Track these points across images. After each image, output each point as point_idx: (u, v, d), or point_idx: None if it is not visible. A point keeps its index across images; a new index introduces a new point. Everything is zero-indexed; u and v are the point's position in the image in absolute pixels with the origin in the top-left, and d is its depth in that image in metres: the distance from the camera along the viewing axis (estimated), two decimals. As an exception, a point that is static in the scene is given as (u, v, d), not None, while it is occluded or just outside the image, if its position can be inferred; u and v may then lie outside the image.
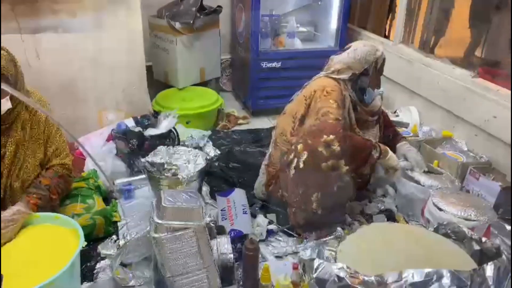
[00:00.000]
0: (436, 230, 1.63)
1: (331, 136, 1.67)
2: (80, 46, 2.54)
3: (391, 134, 2.22)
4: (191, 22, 3.02)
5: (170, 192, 1.36)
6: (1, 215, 1.54)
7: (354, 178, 1.85)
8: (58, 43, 2.49)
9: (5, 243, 1.55)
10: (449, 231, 1.59)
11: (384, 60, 2.00)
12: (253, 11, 3.00)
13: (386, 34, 3.58)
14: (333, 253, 1.60)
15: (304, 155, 1.72)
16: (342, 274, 1.36)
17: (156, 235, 1.27)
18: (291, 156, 1.75)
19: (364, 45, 1.98)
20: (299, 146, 1.74)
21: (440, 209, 1.81)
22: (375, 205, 2.13)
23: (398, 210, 2.11)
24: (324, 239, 1.73)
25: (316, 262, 1.45)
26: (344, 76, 1.95)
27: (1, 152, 1.67)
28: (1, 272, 1.12)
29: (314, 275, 1.42)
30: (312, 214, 1.77)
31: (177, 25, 3.02)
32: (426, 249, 1.52)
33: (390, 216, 2.06)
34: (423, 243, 1.56)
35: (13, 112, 1.66)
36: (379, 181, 2.09)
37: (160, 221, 1.26)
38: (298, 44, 3.29)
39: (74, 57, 2.55)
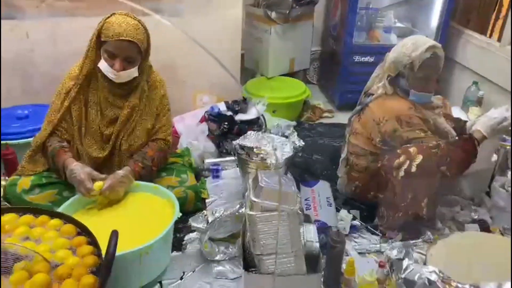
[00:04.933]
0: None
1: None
2: (185, 29, 2.67)
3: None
4: (287, 12, 3.05)
5: (267, 173, 1.40)
6: (113, 175, 1.71)
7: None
8: (163, 25, 2.62)
9: (105, 205, 1.72)
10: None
11: (433, 60, 1.79)
12: (350, 4, 2.95)
13: (492, 33, 3.34)
14: (422, 256, 1.56)
15: (419, 159, 1.68)
16: (433, 278, 1.32)
17: (251, 213, 1.32)
18: (401, 159, 1.72)
19: (403, 44, 1.84)
20: (412, 150, 1.71)
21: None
22: (468, 213, 2.01)
23: (493, 222, 1.97)
24: (413, 241, 1.69)
25: (405, 263, 1.42)
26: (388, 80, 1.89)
27: (116, 113, 1.85)
28: (106, 235, 1.20)
29: (403, 275, 1.39)
30: (417, 218, 1.74)
31: (273, 14, 3.07)
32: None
33: (484, 227, 1.94)
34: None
35: (135, 81, 1.82)
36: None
37: (256, 200, 1.31)
38: (394, 40, 3.17)
39: (176, 40, 2.67)
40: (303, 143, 2.60)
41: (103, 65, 1.74)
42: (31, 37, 2.56)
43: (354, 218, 1.97)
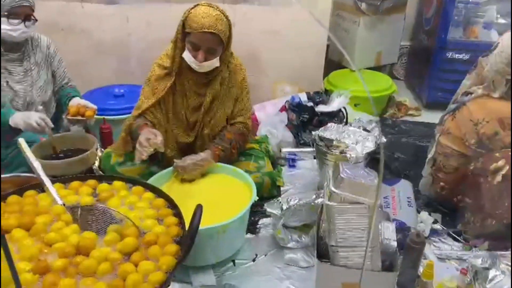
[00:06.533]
0: None
1: None
2: (270, 19, 2.71)
3: None
4: (378, 3, 2.95)
5: (349, 165, 1.38)
6: (193, 158, 1.79)
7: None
8: (252, 14, 2.68)
9: (188, 181, 1.81)
10: None
11: None
12: (448, -3, 2.79)
13: None
14: (509, 268, 1.44)
15: None
16: (523, 293, 1.22)
17: (329, 203, 1.31)
18: (500, 163, 1.61)
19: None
20: None
21: None
22: None
23: None
24: (501, 252, 1.57)
25: (492, 273, 1.34)
26: (502, 88, 1.71)
27: (200, 101, 1.92)
28: (186, 208, 1.28)
29: (487, 286, 1.31)
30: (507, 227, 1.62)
31: (363, 5, 2.99)
32: None
33: None
34: None
35: (217, 69, 1.87)
36: None
37: (335, 190, 1.30)
38: (494, 37, 2.93)
39: (263, 28, 2.73)
40: (385, 140, 2.53)
41: (187, 55, 1.79)
42: (130, 21, 2.75)
43: (435, 222, 1.88)
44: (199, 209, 1.16)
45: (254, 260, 1.69)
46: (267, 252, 1.74)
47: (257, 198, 1.68)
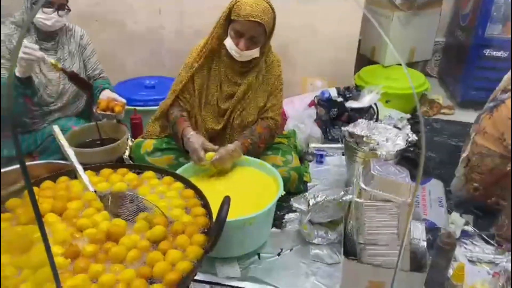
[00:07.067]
0: None
1: None
2: (300, 13, 2.68)
3: None
4: (414, -2, 2.88)
5: (380, 162, 1.36)
6: (224, 148, 1.80)
7: None
8: (283, 7, 2.64)
9: (217, 173, 1.82)
10: None
11: None
12: (488, -9, 2.69)
13: None
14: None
15: None
16: (560, 301, 1.17)
17: (359, 200, 1.29)
18: None
19: None
20: None
21: None
22: None
23: None
24: (536, 257, 1.51)
25: (527, 279, 1.28)
26: None
27: (234, 90, 1.93)
28: (213, 200, 1.28)
29: (522, 292, 1.25)
30: None
31: (398, 0, 2.91)
32: None
33: None
34: None
35: (255, 60, 1.89)
36: None
37: (366, 188, 1.28)
38: (535, 34, 2.81)
39: (293, 22, 2.69)
40: (416, 138, 2.47)
41: (228, 42, 1.81)
42: (162, 13, 2.77)
43: (467, 223, 1.82)
44: (227, 200, 1.16)
45: (279, 255, 1.69)
46: (293, 247, 1.73)
47: (284, 192, 1.67)
